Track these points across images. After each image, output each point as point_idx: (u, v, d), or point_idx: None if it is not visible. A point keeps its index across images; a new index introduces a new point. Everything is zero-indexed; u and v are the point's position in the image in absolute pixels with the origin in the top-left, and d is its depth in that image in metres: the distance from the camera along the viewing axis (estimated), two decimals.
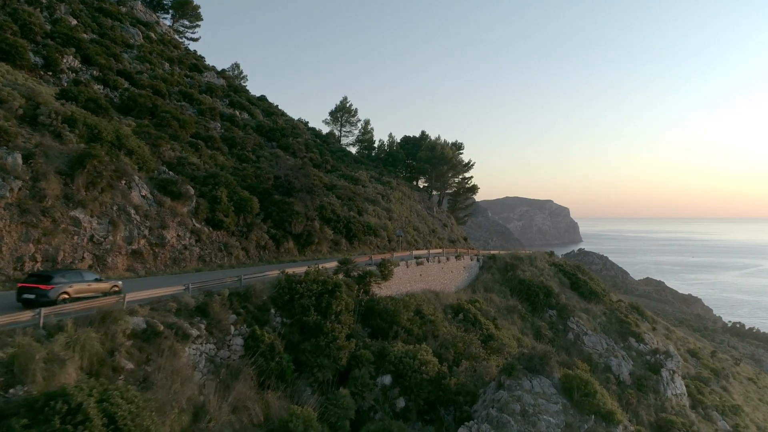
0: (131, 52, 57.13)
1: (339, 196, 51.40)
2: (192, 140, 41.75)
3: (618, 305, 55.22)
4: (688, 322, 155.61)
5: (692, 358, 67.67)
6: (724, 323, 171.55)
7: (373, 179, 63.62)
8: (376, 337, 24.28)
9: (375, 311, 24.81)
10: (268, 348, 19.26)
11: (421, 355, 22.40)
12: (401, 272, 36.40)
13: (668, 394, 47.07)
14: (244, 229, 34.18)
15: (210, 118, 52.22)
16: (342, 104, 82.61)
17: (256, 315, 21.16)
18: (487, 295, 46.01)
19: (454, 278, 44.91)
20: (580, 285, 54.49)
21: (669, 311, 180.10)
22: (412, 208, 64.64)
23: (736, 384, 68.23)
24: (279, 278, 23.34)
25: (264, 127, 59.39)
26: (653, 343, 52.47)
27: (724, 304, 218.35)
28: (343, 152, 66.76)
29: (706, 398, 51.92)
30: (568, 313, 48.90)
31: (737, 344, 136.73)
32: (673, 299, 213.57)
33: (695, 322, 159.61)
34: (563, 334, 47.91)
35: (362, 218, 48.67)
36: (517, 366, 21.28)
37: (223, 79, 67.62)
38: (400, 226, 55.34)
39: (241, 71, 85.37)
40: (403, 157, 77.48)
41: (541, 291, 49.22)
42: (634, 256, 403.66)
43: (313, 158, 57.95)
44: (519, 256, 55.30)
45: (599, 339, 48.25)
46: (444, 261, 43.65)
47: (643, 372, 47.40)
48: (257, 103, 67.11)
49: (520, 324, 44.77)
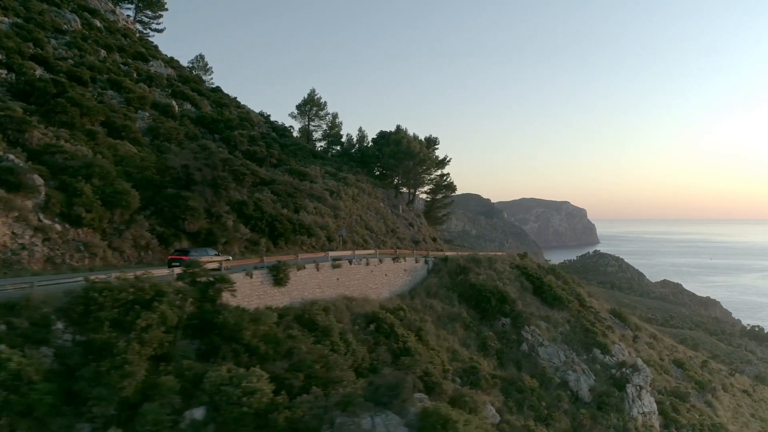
0: (63, 38, 53.36)
1: (276, 192, 47.10)
2: (92, 129, 37.59)
3: (584, 312, 50.10)
4: (704, 326, 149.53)
5: (678, 370, 62.24)
6: (742, 326, 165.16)
7: (329, 175, 59.16)
8: (207, 359, 19.78)
9: (215, 325, 20.31)
10: (12, 376, 14.87)
11: (250, 382, 17.85)
12: (307, 276, 31.90)
13: (634, 412, 42.00)
14: (122, 226, 29.90)
15: (138, 107, 48.12)
16: (310, 97, 78.21)
17: (26, 332, 16.78)
18: (428, 301, 41.29)
19: (388, 282, 40.27)
20: (543, 290, 49.51)
21: (685, 314, 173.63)
22: (371, 206, 60.08)
23: (726, 398, 62.67)
24: (84, 285, 18.94)
25: (206, 118, 55.24)
26: (621, 354, 47.31)
27: (743, 307, 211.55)
28: (298, 146, 62.40)
29: (682, 416, 46.68)
30: (523, 321, 43.98)
31: (755, 348, 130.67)
32: (690, 302, 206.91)
33: (712, 326, 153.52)
34: (516, 344, 43.02)
35: (297, 216, 44.25)
36: (357, 399, 16.65)
37: (172, 69, 63.64)
38: (347, 225, 50.83)
39: (206, 63, 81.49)
40: (375, 152, 72.83)
41: (493, 297, 44.37)
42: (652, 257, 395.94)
43: (257, 151, 53.66)
44: (477, 258, 50.46)
45: (557, 350, 43.26)
46: (375, 263, 39.02)
47: (606, 388, 42.36)
48: (208, 95, 63.02)
49: (463, 334, 39.97)
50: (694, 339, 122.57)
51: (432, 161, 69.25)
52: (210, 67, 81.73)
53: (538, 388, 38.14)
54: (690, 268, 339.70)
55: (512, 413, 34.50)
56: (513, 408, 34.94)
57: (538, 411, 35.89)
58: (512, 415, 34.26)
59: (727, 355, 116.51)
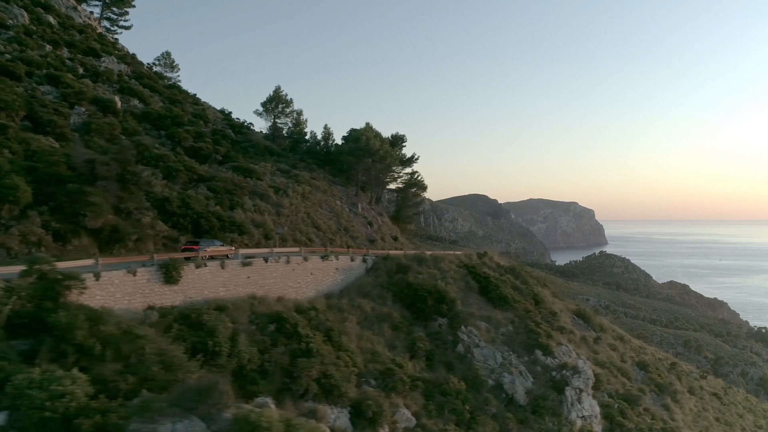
0: (6, 34, 52.63)
1: (214, 188, 46.05)
2: (4, 123, 36.67)
3: (533, 313, 48.67)
4: (709, 327, 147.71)
5: (640, 372, 60.68)
6: (750, 328, 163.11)
7: (281, 173, 58.07)
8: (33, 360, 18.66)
9: (46, 325, 19.22)
10: None
11: (61, 385, 16.72)
12: (209, 275, 30.75)
13: (572, 416, 40.63)
14: (12, 222, 28.89)
15: (75, 102, 47.23)
16: (276, 94, 77.12)
17: None
18: (357, 300, 39.98)
19: (315, 281, 39.06)
20: (489, 290, 48.17)
21: (691, 315, 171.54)
22: (325, 203, 58.92)
23: (691, 401, 61.09)
24: None
25: (152, 114, 54.27)
26: (568, 356, 45.84)
27: (751, 308, 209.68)
28: (250, 143, 61.25)
29: (630, 420, 45.22)
30: (460, 321, 42.67)
31: (761, 350, 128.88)
32: (697, 303, 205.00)
33: (717, 327, 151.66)
34: (452, 346, 41.73)
35: (229, 213, 43.15)
36: (158, 404, 15.48)
37: (126, 65, 62.76)
38: (291, 222, 49.71)
39: (173, 60, 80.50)
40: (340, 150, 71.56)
41: (430, 296, 43.08)
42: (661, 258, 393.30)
43: (202, 148, 52.63)
44: (421, 257, 49.20)
45: (493, 352, 41.93)
46: (299, 261, 37.84)
47: (543, 391, 41.02)
48: (161, 91, 62.05)
49: (390, 335, 38.68)
50: (697, 340, 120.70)
51: (393, 158, 67.96)
52: (177, 65, 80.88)
53: (466, 391, 36.81)
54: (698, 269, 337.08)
55: (431, 417, 33.27)
56: (433, 412, 33.69)
57: (461, 415, 34.61)
58: (430, 419, 33.05)
59: (731, 357, 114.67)
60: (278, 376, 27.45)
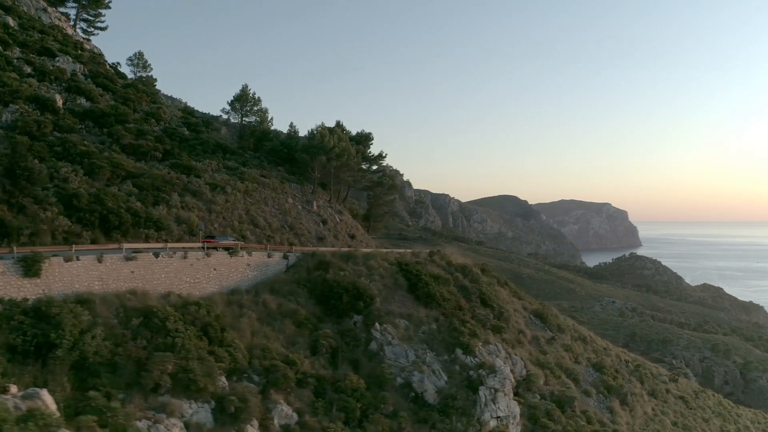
0: None
1: (140, 185, 46.34)
2: None
3: (462, 312, 47.71)
4: (740, 331, 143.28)
5: (594, 374, 59.13)
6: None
7: (228, 170, 58.21)
8: None
9: None
10: None
11: None
12: (81, 268, 30.80)
13: (485, 416, 39.65)
14: None
15: (9, 101, 48.10)
16: (243, 93, 77.46)
17: None
18: (263, 297, 39.67)
19: (218, 277, 38.85)
20: (418, 288, 47.40)
21: (723, 319, 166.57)
22: (271, 200, 58.81)
23: (646, 404, 59.33)
24: None
25: (95, 112, 54.95)
26: (493, 355, 44.79)
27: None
28: (198, 141, 61.48)
29: (557, 423, 44.00)
30: (375, 318, 42.08)
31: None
32: (730, 306, 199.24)
33: (749, 331, 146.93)
34: (365, 344, 41.14)
35: (149, 210, 43.34)
36: None
37: (81, 64, 63.65)
38: (223, 219, 49.73)
39: (146, 60, 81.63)
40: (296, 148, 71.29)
41: (346, 293, 42.51)
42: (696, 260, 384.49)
43: (141, 145, 53.05)
44: (350, 254, 48.70)
45: (406, 350, 41.20)
46: (199, 257, 37.73)
47: (455, 390, 40.14)
48: (115, 90, 62.79)
49: (293, 331, 38.24)
50: (726, 344, 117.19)
51: (352, 156, 67.45)
52: (149, 64, 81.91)
53: (365, 389, 36.25)
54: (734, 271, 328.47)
55: (316, 415, 32.77)
56: (320, 409, 33.19)
57: (352, 413, 34.04)
58: (314, 417, 32.55)
59: (760, 362, 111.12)
60: (130, 370, 27.28)
